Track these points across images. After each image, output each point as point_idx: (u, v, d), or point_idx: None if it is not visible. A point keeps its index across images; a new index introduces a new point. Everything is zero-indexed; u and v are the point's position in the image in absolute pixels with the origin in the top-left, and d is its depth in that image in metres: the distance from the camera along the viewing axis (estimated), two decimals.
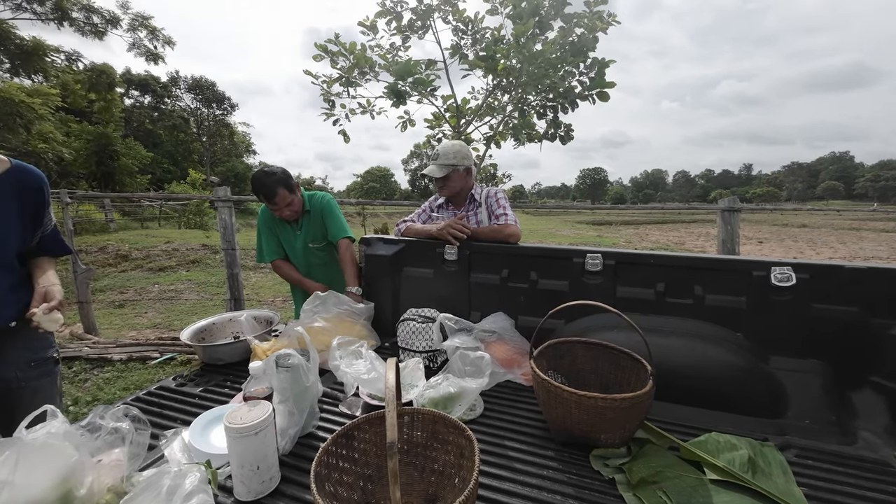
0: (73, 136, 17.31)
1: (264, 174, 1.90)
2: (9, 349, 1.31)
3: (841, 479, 0.94)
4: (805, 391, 1.19)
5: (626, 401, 0.95)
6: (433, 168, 1.90)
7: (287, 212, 1.97)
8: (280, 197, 1.90)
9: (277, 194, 1.89)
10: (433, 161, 1.93)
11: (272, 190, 1.88)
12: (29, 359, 1.34)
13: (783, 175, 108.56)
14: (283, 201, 1.92)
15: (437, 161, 1.90)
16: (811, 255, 12.39)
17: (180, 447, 1.00)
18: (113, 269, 8.13)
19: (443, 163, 1.89)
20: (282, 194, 1.90)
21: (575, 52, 3.93)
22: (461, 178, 1.93)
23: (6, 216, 1.24)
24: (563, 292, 1.56)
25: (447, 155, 1.89)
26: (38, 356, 1.36)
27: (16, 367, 1.32)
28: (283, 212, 1.97)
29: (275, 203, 1.91)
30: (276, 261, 2.11)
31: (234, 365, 1.52)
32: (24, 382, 1.34)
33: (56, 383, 1.44)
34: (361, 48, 4.30)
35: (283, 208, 1.94)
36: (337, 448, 0.84)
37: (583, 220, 30.74)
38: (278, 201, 1.91)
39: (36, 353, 1.36)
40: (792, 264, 1.27)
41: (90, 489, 0.77)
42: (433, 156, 1.95)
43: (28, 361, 1.34)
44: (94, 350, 3.69)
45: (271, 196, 1.89)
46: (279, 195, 1.89)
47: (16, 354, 1.32)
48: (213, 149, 35.66)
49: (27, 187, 1.28)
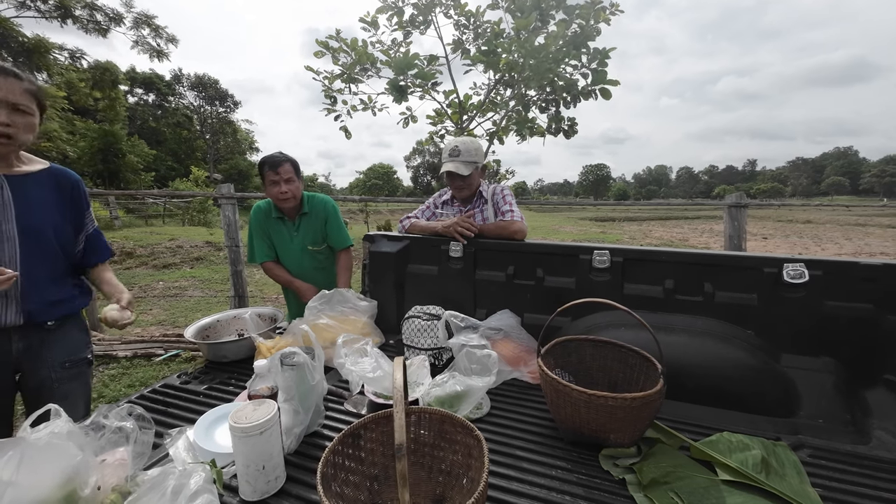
0: (78, 135, 17.38)
1: (275, 153, 1.92)
2: (44, 349, 1.33)
3: (856, 479, 0.92)
4: (818, 390, 1.17)
5: (637, 400, 0.93)
6: (459, 166, 1.79)
7: (285, 188, 1.89)
8: (284, 169, 1.88)
9: (282, 165, 1.87)
10: (454, 157, 1.81)
11: (278, 161, 1.87)
12: (63, 359, 1.36)
13: (788, 170, 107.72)
14: (286, 173, 1.89)
15: (459, 158, 1.80)
16: (816, 252, 12.29)
17: (185, 446, 0.99)
18: (118, 266, 8.17)
19: (466, 160, 1.80)
20: (286, 168, 1.88)
21: (576, 44, 3.88)
22: (479, 176, 1.89)
23: (46, 207, 1.29)
24: (569, 289, 1.54)
25: (469, 152, 1.81)
26: (74, 357, 1.38)
27: (50, 368, 1.33)
28: (282, 187, 1.89)
29: (277, 173, 1.87)
30: (266, 263, 2.07)
31: (239, 362, 1.52)
32: (57, 384, 1.35)
33: (87, 383, 1.46)
34: (363, 44, 4.27)
35: (282, 182, 1.89)
36: (343, 448, 0.83)
37: (586, 216, 30.64)
38: (281, 171, 1.87)
39: (71, 354, 1.37)
40: (805, 260, 1.25)
41: (94, 489, 0.76)
42: (452, 152, 1.82)
43: (62, 362, 1.36)
44: (99, 347, 3.71)
45: (276, 165, 1.87)
46: (283, 167, 1.88)
47: (50, 355, 1.33)
48: (216, 146, 35.76)
49: (64, 183, 1.35)
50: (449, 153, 1.85)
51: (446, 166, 1.83)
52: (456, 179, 1.85)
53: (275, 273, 2.07)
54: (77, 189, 1.38)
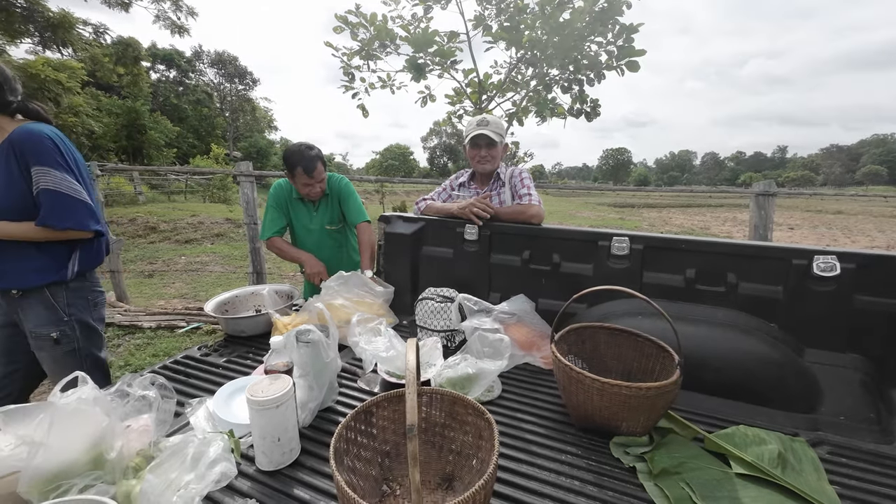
0: (103, 111, 17.72)
1: (305, 147, 1.86)
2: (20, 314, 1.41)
3: (877, 478, 0.90)
4: (842, 386, 1.13)
5: (652, 390, 0.92)
6: (489, 134, 1.76)
7: (318, 188, 1.93)
8: (318, 171, 1.87)
9: (317, 168, 1.86)
10: (483, 127, 1.78)
11: (312, 163, 1.84)
12: (30, 329, 1.42)
13: (820, 158, 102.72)
14: (320, 176, 1.89)
15: (488, 128, 1.77)
16: (846, 244, 11.80)
17: (205, 416, 1.03)
18: (142, 241, 8.43)
19: (495, 130, 1.78)
20: (319, 169, 1.88)
21: (603, 20, 3.71)
22: (502, 153, 1.87)
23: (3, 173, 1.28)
24: (586, 276, 1.52)
25: (497, 125, 1.80)
26: (36, 331, 1.41)
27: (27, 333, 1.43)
28: (315, 188, 1.92)
29: (312, 177, 1.86)
30: (272, 238, 2.04)
31: (256, 337, 1.56)
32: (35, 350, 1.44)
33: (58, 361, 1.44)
34: (382, 19, 4.18)
35: (315, 184, 1.90)
36: (356, 424, 0.84)
37: (604, 202, 30.00)
38: (316, 175, 1.87)
39: (35, 328, 1.41)
40: (837, 253, 1.19)
41: (120, 453, 0.80)
42: (481, 122, 1.80)
43: (30, 331, 1.42)
44: (125, 317, 3.86)
45: (311, 169, 1.84)
46: (318, 169, 1.86)
47: (23, 321, 1.42)
48: (235, 124, 36.07)
49: (17, 143, 1.28)
50: (478, 123, 1.81)
51: (475, 132, 1.78)
52: (482, 149, 1.80)
53: (279, 247, 2.05)
54: (17, 146, 1.28)
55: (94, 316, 1.52)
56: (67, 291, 1.43)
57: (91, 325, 1.51)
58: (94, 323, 1.53)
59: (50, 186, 1.30)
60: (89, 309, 1.51)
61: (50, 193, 1.30)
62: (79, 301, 1.47)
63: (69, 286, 1.44)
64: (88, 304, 1.50)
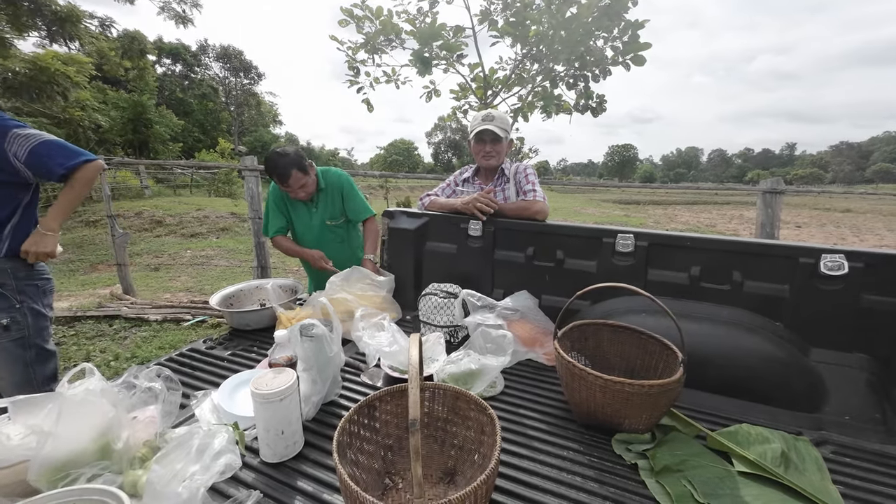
0: (109, 105, 17.79)
1: (277, 155, 1.85)
2: None
3: (881, 479, 0.89)
4: (848, 386, 1.13)
5: (655, 388, 0.91)
6: (494, 129, 1.76)
7: (301, 193, 1.94)
8: (293, 179, 1.86)
9: (291, 176, 1.85)
10: (488, 122, 1.78)
11: (285, 171, 1.84)
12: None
13: (829, 155, 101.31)
14: (297, 183, 1.88)
15: (493, 123, 1.77)
16: (854, 243, 11.66)
17: (210, 408, 1.04)
18: (148, 234, 8.49)
19: (500, 125, 1.77)
20: (295, 176, 1.86)
21: (609, 15, 3.67)
22: (507, 149, 1.86)
23: None
24: (590, 273, 1.51)
25: (502, 120, 1.79)
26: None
27: None
28: (297, 193, 1.94)
29: (288, 185, 1.88)
30: (276, 237, 2.08)
31: (261, 331, 1.57)
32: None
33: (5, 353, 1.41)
34: (388, 13, 4.16)
35: (296, 190, 1.91)
36: (359, 418, 0.85)
37: (609, 198, 29.83)
38: (292, 183, 1.87)
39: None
40: (845, 252, 1.18)
41: (126, 443, 0.81)
42: (486, 117, 1.79)
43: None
44: (132, 310, 3.90)
45: (284, 178, 1.85)
46: (292, 177, 1.85)
47: None
48: (240, 118, 36.13)
49: None
50: (483, 118, 1.80)
51: (480, 127, 1.78)
52: (487, 145, 1.80)
53: (284, 245, 2.08)
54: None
55: (43, 303, 1.50)
56: (16, 279, 1.40)
57: (42, 312, 1.48)
58: (44, 310, 1.50)
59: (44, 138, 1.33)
60: (39, 296, 1.48)
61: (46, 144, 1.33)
62: (29, 288, 1.44)
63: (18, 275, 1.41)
64: (38, 291, 1.47)
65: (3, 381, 1.44)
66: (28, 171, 1.37)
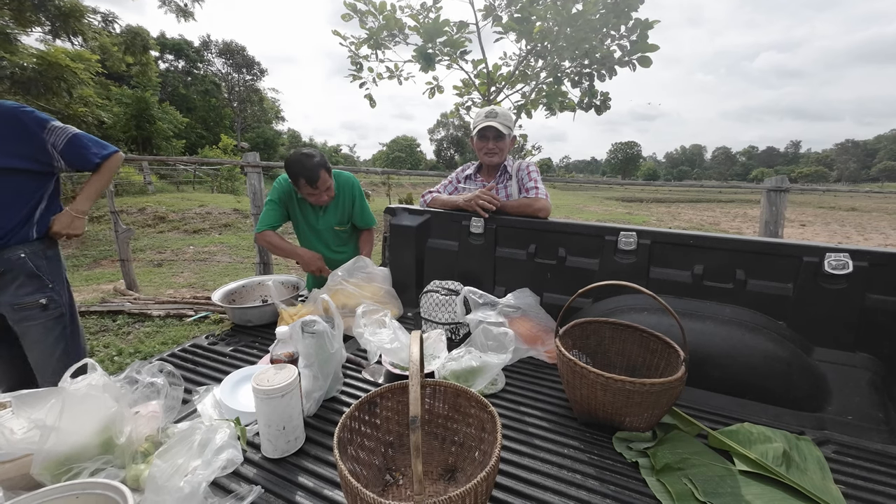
0: (113, 101, 17.83)
1: (305, 156, 1.72)
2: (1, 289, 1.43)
3: (883, 479, 0.89)
4: (851, 386, 1.12)
5: (656, 386, 0.91)
6: (497, 126, 1.73)
7: (325, 196, 1.82)
8: (322, 181, 1.74)
9: (320, 178, 1.72)
10: (491, 119, 1.75)
11: (314, 173, 1.71)
12: (11, 302, 1.44)
13: (835, 153, 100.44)
14: (325, 185, 1.76)
15: (496, 119, 1.74)
16: (858, 241, 11.58)
17: (212, 403, 1.04)
18: (151, 230, 8.53)
19: (504, 122, 1.75)
20: (324, 178, 1.74)
21: (617, 13, 3.64)
22: (510, 146, 1.85)
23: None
24: (592, 271, 1.51)
25: (506, 117, 1.77)
26: (19, 301, 1.45)
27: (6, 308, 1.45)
28: (321, 196, 1.81)
29: (316, 187, 1.74)
30: (264, 231, 1.89)
31: (262, 327, 1.57)
32: (13, 324, 1.47)
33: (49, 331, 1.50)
34: (391, 8, 4.14)
35: (322, 192, 1.79)
36: (360, 414, 0.85)
37: (612, 196, 29.73)
38: (320, 185, 1.74)
39: (17, 298, 1.44)
40: (850, 251, 1.17)
41: (129, 438, 0.81)
42: (489, 114, 1.76)
43: (11, 304, 1.44)
44: (135, 305, 3.92)
45: (313, 180, 1.72)
46: (321, 179, 1.73)
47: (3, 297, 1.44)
48: (243, 114, 36.13)
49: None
50: (486, 114, 1.78)
51: (484, 123, 1.75)
52: (490, 141, 1.78)
53: (273, 241, 1.91)
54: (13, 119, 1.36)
55: (67, 282, 1.61)
56: (48, 259, 1.50)
57: (70, 291, 1.59)
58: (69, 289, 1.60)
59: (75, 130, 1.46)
60: (64, 275, 1.59)
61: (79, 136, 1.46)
62: (58, 268, 1.55)
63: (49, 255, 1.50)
64: (62, 273, 1.58)
65: (47, 356, 1.51)
66: (62, 160, 1.47)
